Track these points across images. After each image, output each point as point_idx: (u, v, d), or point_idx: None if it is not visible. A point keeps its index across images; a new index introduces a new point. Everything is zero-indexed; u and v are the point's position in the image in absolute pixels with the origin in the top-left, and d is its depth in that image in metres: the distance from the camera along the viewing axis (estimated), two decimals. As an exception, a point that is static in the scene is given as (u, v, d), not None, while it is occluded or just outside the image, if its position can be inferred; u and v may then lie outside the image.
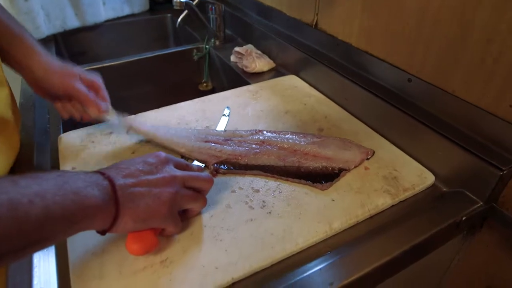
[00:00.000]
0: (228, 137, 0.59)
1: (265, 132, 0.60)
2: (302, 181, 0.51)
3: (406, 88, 0.59)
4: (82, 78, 0.59)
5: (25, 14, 0.96)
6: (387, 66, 0.62)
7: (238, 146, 0.56)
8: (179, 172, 0.43)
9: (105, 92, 0.62)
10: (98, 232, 0.38)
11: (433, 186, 0.53)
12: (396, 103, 0.59)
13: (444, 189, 0.53)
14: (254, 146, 0.56)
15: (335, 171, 0.53)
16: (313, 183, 0.51)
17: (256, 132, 0.60)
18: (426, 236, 0.45)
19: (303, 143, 0.57)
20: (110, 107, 0.61)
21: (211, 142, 0.58)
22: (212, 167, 0.54)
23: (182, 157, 0.57)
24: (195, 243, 0.43)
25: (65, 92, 0.58)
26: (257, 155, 0.55)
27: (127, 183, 0.38)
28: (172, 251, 0.42)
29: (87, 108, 0.59)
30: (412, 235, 0.45)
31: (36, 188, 0.31)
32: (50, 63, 0.57)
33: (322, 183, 0.50)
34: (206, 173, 0.48)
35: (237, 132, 0.60)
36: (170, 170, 0.42)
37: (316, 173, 0.52)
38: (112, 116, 0.61)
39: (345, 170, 0.53)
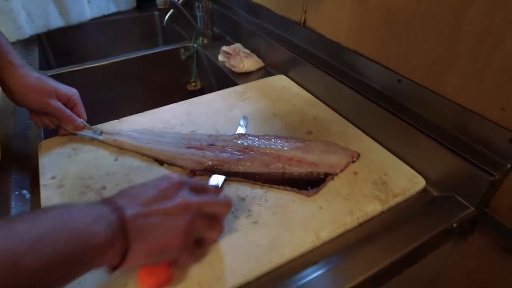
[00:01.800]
0: (211, 141, 0.57)
1: (248, 136, 0.58)
2: (288, 188, 0.50)
3: (396, 89, 0.58)
4: (59, 94, 0.58)
5: (5, 15, 0.93)
6: (377, 67, 0.60)
7: (221, 152, 0.55)
8: (194, 198, 0.38)
9: (81, 108, 0.61)
10: (107, 269, 0.34)
11: (424, 190, 0.52)
12: (386, 105, 0.58)
13: (435, 194, 0.52)
14: (237, 152, 0.55)
15: (320, 176, 0.51)
16: (299, 189, 0.49)
17: (239, 137, 0.58)
18: (417, 244, 0.44)
19: (286, 148, 0.55)
20: (85, 122, 0.61)
21: (194, 147, 0.56)
22: (189, 170, 0.52)
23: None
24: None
25: (41, 109, 0.58)
26: (240, 162, 0.53)
27: (138, 213, 0.34)
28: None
29: (63, 123, 0.60)
30: (403, 244, 0.44)
31: (34, 234, 0.28)
32: (26, 78, 0.56)
33: (308, 189, 0.49)
34: (223, 196, 0.46)
35: (220, 136, 0.59)
36: (185, 196, 0.38)
37: (301, 179, 0.51)
38: (88, 131, 0.61)
39: (331, 174, 0.52)
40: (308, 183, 0.50)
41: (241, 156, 0.54)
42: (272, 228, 0.45)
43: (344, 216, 0.46)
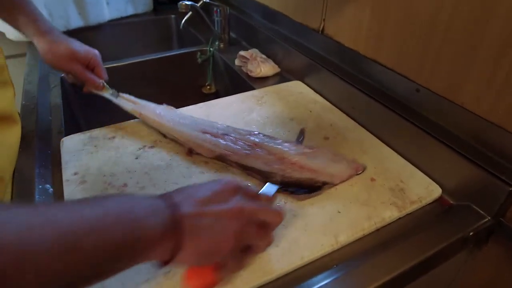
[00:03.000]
0: (226, 131, 0.59)
1: (261, 135, 0.59)
2: (281, 189, 0.51)
3: (414, 98, 0.59)
4: (80, 57, 0.67)
5: (28, 13, 0.95)
6: (395, 75, 0.61)
7: (232, 143, 0.56)
8: (248, 204, 0.38)
9: (101, 69, 0.70)
10: (157, 263, 0.35)
11: (440, 199, 0.52)
12: (403, 113, 0.59)
13: (452, 202, 0.52)
14: (246, 146, 0.56)
15: (318, 184, 0.51)
16: (291, 192, 0.51)
17: (252, 134, 0.59)
18: (433, 252, 0.45)
19: (293, 152, 0.55)
20: (104, 83, 0.69)
21: (209, 133, 0.58)
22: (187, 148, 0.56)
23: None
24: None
25: (67, 71, 0.69)
26: (247, 156, 0.54)
27: (193, 212, 0.34)
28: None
29: (85, 83, 0.69)
30: (419, 251, 0.44)
31: (97, 216, 0.28)
32: (52, 45, 0.65)
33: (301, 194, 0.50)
34: (276, 206, 0.47)
35: (237, 129, 0.60)
36: (239, 201, 0.37)
37: (300, 184, 0.51)
38: (108, 92, 0.68)
39: (329, 184, 0.52)
40: (305, 189, 0.51)
41: (249, 151, 0.55)
42: (291, 229, 0.45)
43: (362, 221, 0.47)
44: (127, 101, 0.66)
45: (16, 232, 0.24)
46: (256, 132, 0.60)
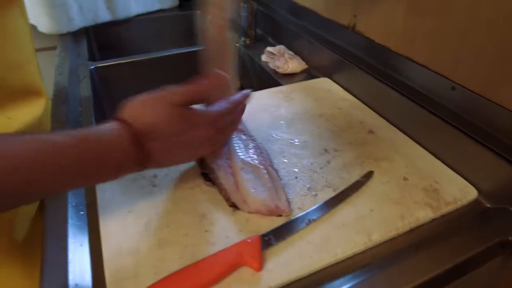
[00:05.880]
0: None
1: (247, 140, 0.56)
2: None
3: (449, 96, 0.57)
4: None
5: (60, 6, 0.97)
6: (429, 73, 0.60)
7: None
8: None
9: None
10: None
11: (475, 201, 0.51)
12: (437, 111, 0.57)
13: (488, 205, 0.50)
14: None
15: (229, 202, 0.47)
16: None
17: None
18: (468, 255, 0.43)
19: (244, 156, 0.52)
20: None
21: None
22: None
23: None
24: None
25: None
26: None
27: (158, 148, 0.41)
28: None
29: None
30: (453, 254, 0.43)
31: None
32: None
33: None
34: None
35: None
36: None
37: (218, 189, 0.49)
38: None
39: (236, 208, 0.47)
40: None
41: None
42: (323, 226, 0.45)
43: (396, 221, 0.46)
44: None
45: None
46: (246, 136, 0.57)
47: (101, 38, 1.18)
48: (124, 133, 0.38)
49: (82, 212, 0.47)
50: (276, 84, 0.82)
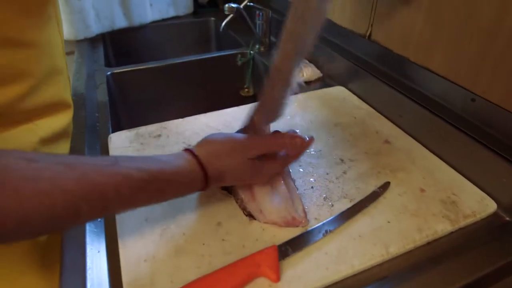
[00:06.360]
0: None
1: None
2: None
3: (468, 108, 0.56)
4: None
5: (77, 13, 0.98)
6: (448, 83, 0.59)
7: None
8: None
9: None
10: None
11: (494, 214, 0.50)
12: (456, 122, 0.57)
13: (507, 219, 0.49)
14: None
15: (245, 212, 0.48)
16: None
17: None
18: (488, 271, 0.42)
19: None
20: None
21: None
22: None
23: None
24: (246, 257, 0.42)
25: None
26: None
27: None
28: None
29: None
30: (473, 268, 0.42)
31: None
32: None
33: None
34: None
35: None
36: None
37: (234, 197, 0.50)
38: None
39: (252, 217, 0.47)
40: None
41: None
42: (340, 238, 0.44)
43: (413, 233, 0.45)
44: None
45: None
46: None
47: (117, 44, 1.19)
48: (198, 176, 0.41)
49: (99, 219, 0.47)
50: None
